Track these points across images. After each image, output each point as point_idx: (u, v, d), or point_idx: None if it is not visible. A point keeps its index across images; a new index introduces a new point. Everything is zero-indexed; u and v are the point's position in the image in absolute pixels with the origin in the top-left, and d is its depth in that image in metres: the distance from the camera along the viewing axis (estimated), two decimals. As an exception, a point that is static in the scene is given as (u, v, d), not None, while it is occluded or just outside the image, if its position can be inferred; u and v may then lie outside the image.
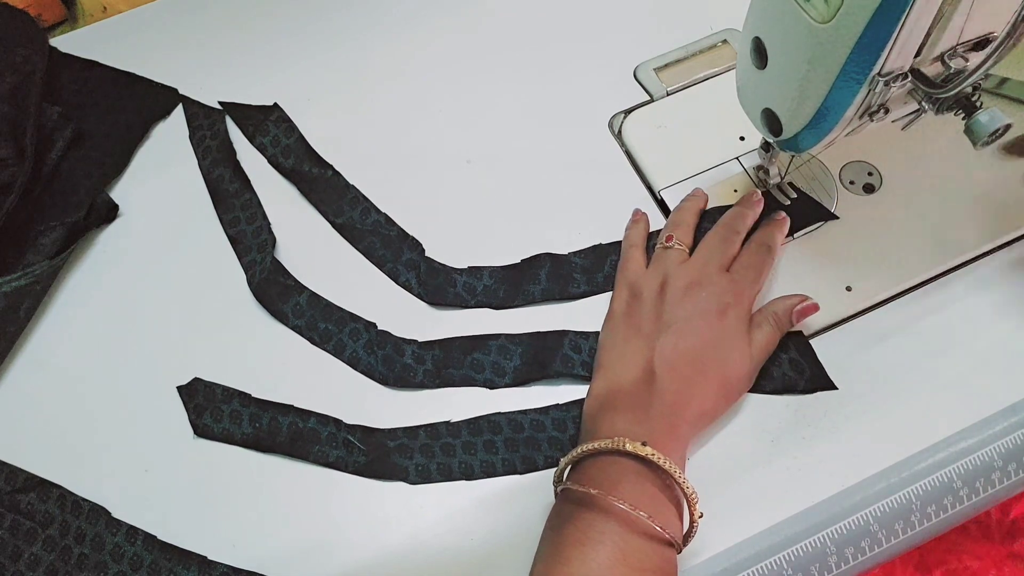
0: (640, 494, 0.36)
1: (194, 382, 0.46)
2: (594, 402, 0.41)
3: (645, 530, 0.35)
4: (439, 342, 0.46)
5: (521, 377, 0.45)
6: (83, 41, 0.58)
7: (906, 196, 0.48)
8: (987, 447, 0.41)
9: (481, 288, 0.48)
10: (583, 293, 0.47)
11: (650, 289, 0.43)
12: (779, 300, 0.43)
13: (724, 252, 0.44)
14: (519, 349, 0.46)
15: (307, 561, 0.41)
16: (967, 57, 0.35)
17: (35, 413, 0.46)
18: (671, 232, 0.45)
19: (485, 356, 0.46)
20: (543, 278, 0.47)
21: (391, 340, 0.46)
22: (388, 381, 0.45)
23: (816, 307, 0.43)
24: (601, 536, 0.35)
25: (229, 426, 0.44)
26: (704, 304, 0.41)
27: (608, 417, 0.39)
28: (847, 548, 0.40)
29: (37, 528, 0.42)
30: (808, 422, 0.43)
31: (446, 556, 0.41)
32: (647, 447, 0.36)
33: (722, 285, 0.42)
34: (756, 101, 0.41)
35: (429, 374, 0.45)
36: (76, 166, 0.53)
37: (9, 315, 0.47)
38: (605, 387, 0.41)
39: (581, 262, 0.48)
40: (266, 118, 0.54)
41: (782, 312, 0.43)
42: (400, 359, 0.46)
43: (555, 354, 0.45)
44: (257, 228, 0.50)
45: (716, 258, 0.43)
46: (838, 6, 0.33)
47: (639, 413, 0.39)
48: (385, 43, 0.58)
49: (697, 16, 0.56)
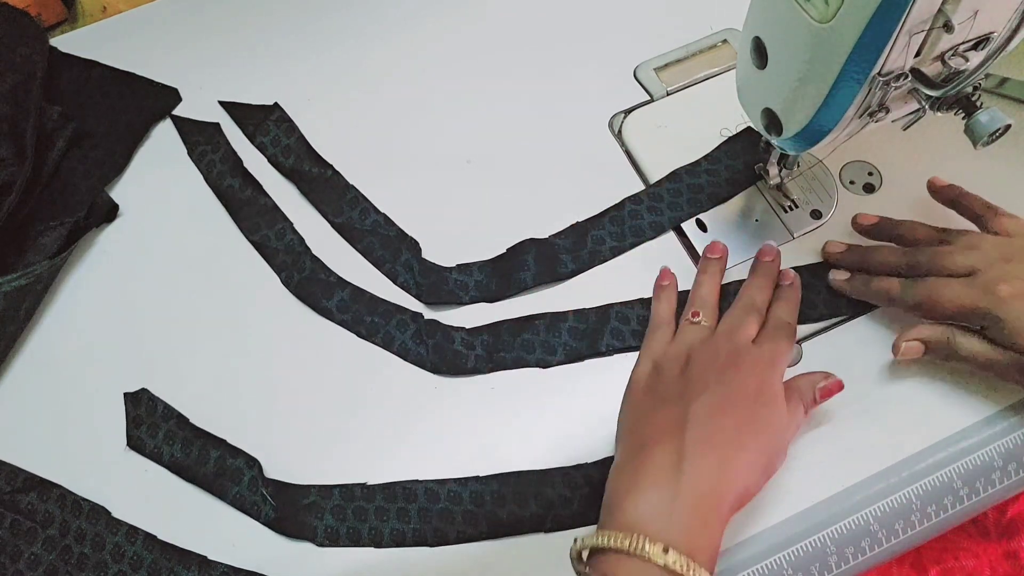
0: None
1: (141, 392, 0.46)
2: (617, 486, 0.38)
3: None
4: (487, 327, 0.47)
5: (572, 354, 0.45)
6: (83, 41, 0.58)
7: (906, 196, 0.48)
8: (987, 447, 0.41)
9: (473, 283, 0.48)
10: (571, 272, 0.48)
11: (674, 362, 0.41)
12: (802, 377, 0.42)
13: (747, 328, 0.42)
14: (566, 325, 0.46)
15: (307, 561, 0.41)
16: (967, 57, 0.35)
17: (35, 413, 0.46)
18: (697, 308, 0.44)
19: (535, 336, 0.46)
20: (531, 263, 0.48)
21: (440, 328, 0.46)
22: (440, 369, 0.45)
23: (840, 384, 0.41)
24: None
25: (161, 445, 0.44)
26: (734, 377, 0.39)
27: (632, 500, 0.36)
28: (847, 548, 0.40)
29: (37, 528, 0.42)
30: (807, 422, 0.43)
31: (446, 555, 0.41)
32: (669, 554, 0.33)
33: (751, 358, 0.40)
34: (756, 101, 0.41)
35: (481, 359, 0.46)
36: (76, 166, 0.53)
37: (9, 315, 0.47)
38: (630, 463, 0.38)
39: (563, 242, 0.49)
40: (266, 118, 0.54)
41: (806, 388, 0.41)
42: (451, 346, 0.46)
43: (603, 328, 0.46)
44: (280, 231, 0.50)
45: (740, 334, 0.42)
46: (838, 6, 0.33)
47: (665, 499, 0.35)
48: (385, 43, 0.58)
49: (697, 16, 0.56)
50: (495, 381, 0.45)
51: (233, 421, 0.45)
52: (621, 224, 0.49)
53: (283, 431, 0.45)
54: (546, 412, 0.44)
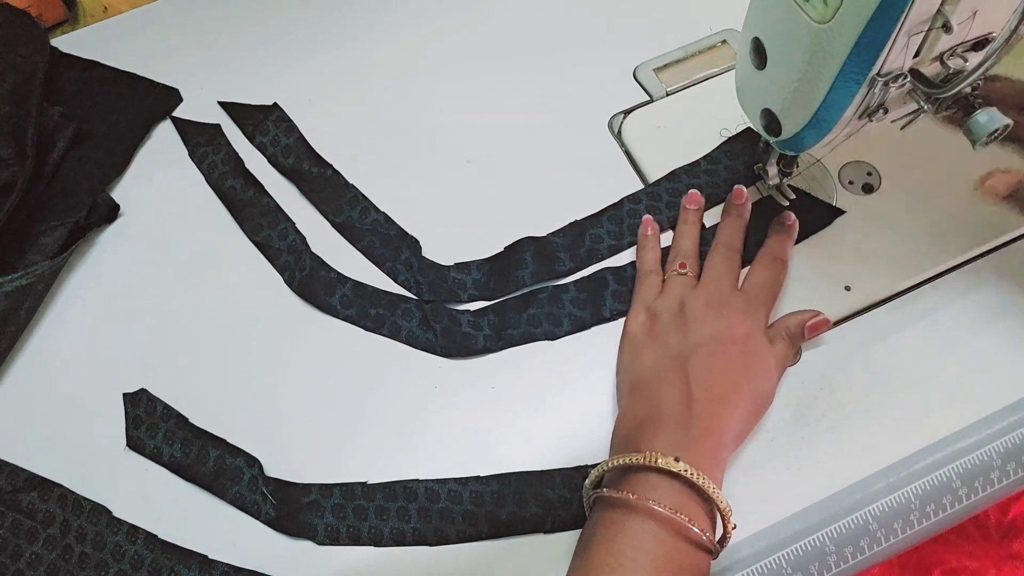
0: (675, 503, 0.36)
1: (140, 393, 0.46)
2: (629, 423, 0.40)
3: (683, 532, 0.36)
4: (491, 307, 0.47)
5: (578, 323, 0.46)
6: (84, 41, 0.58)
7: (905, 196, 0.48)
8: (986, 446, 0.41)
9: (471, 282, 0.48)
10: (569, 270, 0.48)
11: (669, 311, 0.43)
12: (792, 316, 0.43)
13: (731, 271, 0.44)
14: (568, 296, 0.47)
15: (307, 561, 0.41)
16: (966, 57, 0.35)
17: (36, 412, 0.46)
18: (682, 259, 0.46)
19: (539, 310, 0.47)
20: (529, 261, 0.48)
21: (446, 312, 0.47)
22: (451, 352, 0.46)
23: (828, 322, 0.43)
24: (642, 538, 0.35)
25: (161, 445, 0.44)
26: (726, 324, 0.42)
27: (647, 438, 0.38)
28: (846, 547, 0.40)
29: (38, 527, 0.42)
30: (807, 421, 0.43)
31: (446, 555, 0.41)
32: (680, 463, 0.36)
33: (739, 306, 0.43)
34: (755, 101, 0.41)
35: (490, 338, 0.46)
36: (77, 166, 0.53)
37: (10, 314, 0.47)
38: (643, 408, 0.40)
39: (561, 241, 0.49)
40: (266, 118, 0.54)
41: (795, 327, 0.43)
42: (459, 329, 0.46)
43: (603, 292, 0.47)
44: (282, 231, 0.50)
45: (726, 278, 0.44)
46: (837, 6, 0.33)
47: (679, 436, 0.38)
48: (386, 43, 0.58)
49: (697, 16, 0.56)
50: (495, 380, 0.45)
51: (233, 421, 0.45)
52: (620, 223, 0.49)
53: (283, 431, 0.45)
54: (546, 412, 0.44)
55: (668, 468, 0.36)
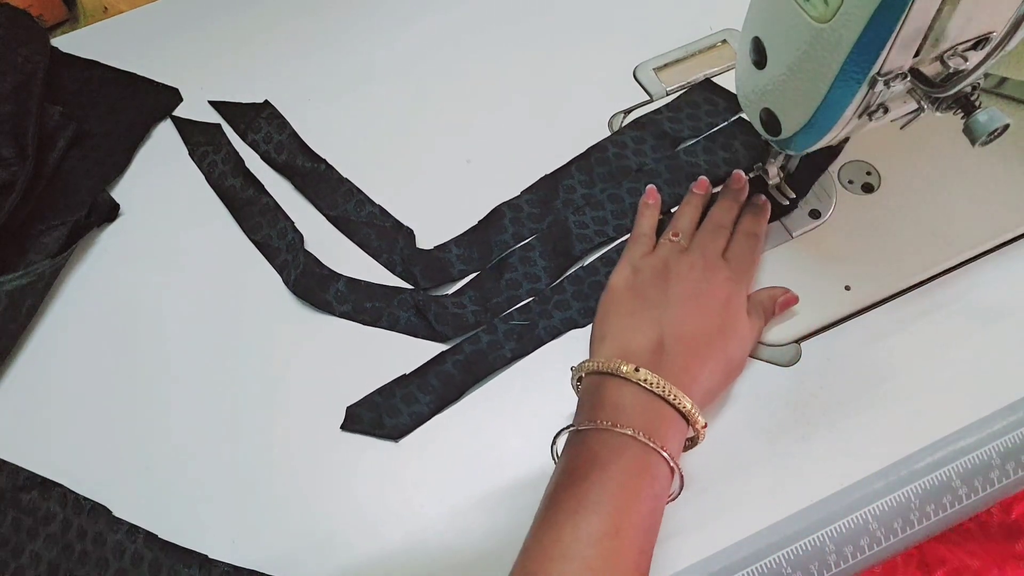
0: (634, 414, 0.38)
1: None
2: (604, 340, 0.42)
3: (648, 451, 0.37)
4: (469, 284, 0.48)
5: (554, 271, 0.48)
6: (84, 41, 0.58)
7: (905, 196, 0.48)
8: (986, 446, 0.41)
9: (455, 258, 0.49)
10: (550, 225, 0.49)
11: (653, 268, 0.45)
12: (763, 291, 0.45)
13: (716, 243, 0.46)
14: (536, 251, 0.48)
15: (307, 561, 0.41)
16: (966, 57, 0.35)
17: (36, 412, 0.46)
18: (678, 230, 0.47)
19: (514, 273, 0.48)
20: (507, 225, 0.49)
21: (433, 299, 0.47)
22: (448, 335, 0.46)
23: (796, 298, 0.45)
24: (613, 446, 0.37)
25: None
26: (708, 286, 0.43)
27: (619, 359, 0.40)
28: (846, 547, 0.40)
29: (39, 525, 0.42)
30: (806, 421, 0.43)
31: (446, 555, 0.41)
32: (641, 372, 0.38)
33: (724, 272, 0.44)
34: (755, 101, 0.41)
35: (479, 312, 0.47)
36: (77, 165, 0.53)
37: (11, 313, 0.47)
38: (615, 352, 0.41)
39: (536, 196, 0.50)
40: (257, 115, 0.55)
41: (767, 301, 0.45)
42: (447, 311, 0.47)
43: (569, 238, 0.48)
44: (281, 230, 0.50)
45: (711, 248, 0.45)
46: (838, 6, 0.33)
47: (652, 369, 0.39)
48: (386, 43, 0.58)
49: (697, 16, 0.56)
50: (496, 378, 0.45)
51: (234, 421, 0.45)
52: (589, 172, 0.51)
53: (284, 431, 0.45)
54: (546, 412, 0.44)
55: (628, 377, 0.38)
